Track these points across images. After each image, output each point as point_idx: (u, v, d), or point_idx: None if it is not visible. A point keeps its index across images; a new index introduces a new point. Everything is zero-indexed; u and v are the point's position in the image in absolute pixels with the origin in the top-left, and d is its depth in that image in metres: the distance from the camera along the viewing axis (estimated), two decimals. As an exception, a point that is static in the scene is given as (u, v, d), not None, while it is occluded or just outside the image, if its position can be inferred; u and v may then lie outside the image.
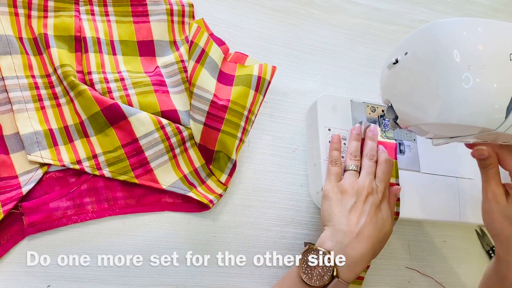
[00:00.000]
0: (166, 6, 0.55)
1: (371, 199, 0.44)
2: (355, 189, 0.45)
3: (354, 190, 0.44)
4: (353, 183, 0.45)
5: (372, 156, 0.48)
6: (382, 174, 0.47)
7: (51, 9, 0.51)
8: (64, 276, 0.43)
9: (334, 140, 0.50)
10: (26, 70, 0.48)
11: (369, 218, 0.43)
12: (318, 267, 0.41)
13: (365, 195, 0.44)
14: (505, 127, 0.35)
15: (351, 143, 0.49)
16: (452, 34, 0.37)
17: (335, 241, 0.42)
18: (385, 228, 0.44)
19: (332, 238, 0.42)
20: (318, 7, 0.66)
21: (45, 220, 0.43)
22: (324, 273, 0.40)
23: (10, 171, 0.44)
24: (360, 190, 0.44)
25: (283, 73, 0.60)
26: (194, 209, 0.49)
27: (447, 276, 0.56)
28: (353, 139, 0.50)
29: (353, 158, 0.48)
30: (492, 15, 0.78)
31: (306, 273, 0.41)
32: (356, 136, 0.50)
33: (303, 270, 0.41)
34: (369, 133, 0.50)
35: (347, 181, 0.46)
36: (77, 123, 0.48)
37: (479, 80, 0.35)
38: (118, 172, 0.46)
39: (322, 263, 0.41)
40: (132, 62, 0.53)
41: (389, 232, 0.45)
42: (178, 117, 0.49)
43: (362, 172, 0.47)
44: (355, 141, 0.50)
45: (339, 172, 0.47)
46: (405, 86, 0.43)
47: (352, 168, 0.47)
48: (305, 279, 0.41)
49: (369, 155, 0.48)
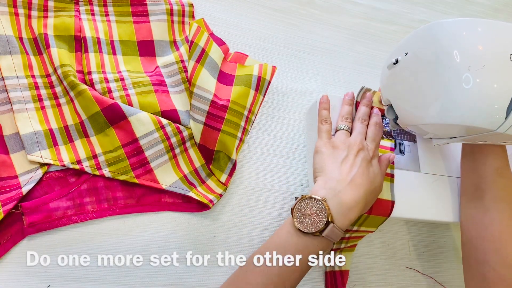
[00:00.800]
0: (166, 6, 0.55)
1: (362, 154, 0.45)
2: (346, 144, 0.46)
3: (346, 145, 0.46)
4: (345, 140, 0.47)
5: (364, 120, 0.49)
6: (373, 134, 0.48)
7: (51, 9, 0.51)
8: (64, 276, 0.43)
9: (323, 100, 0.51)
10: (26, 70, 0.48)
11: (361, 169, 0.44)
12: (313, 214, 0.40)
13: (356, 150, 0.45)
14: (505, 127, 0.35)
15: (343, 107, 0.51)
16: (452, 34, 0.38)
17: (328, 188, 0.42)
18: (376, 181, 0.45)
19: (325, 186, 0.43)
20: (318, 7, 0.66)
21: (45, 220, 0.43)
22: (318, 219, 0.40)
23: (10, 171, 0.44)
24: (352, 145, 0.46)
25: (283, 73, 0.60)
26: (194, 209, 0.49)
27: (447, 276, 0.56)
28: (345, 103, 0.51)
29: (344, 120, 0.50)
30: (492, 15, 0.78)
31: (300, 222, 0.41)
32: (348, 101, 0.51)
33: (297, 219, 0.41)
34: (363, 99, 0.52)
35: (339, 138, 0.47)
36: (77, 123, 0.48)
37: (479, 81, 0.35)
38: (118, 172, 0.46)
39: (316, 210, 0.40)
40: (132, 62, 0.53)
41: (379, 187, 0.46)
42: (178, 117, 0.49)
43: (354, 132, 0.48)
44: (347, 105, 0.51)
45: (329, 130, 0.49)
46: (405, 86, 0.43)
47: (343, 128, 0.49)
48: (299, 227, 0.40)
49: (361, 119, 0.50)
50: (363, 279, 0.53)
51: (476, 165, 0.48)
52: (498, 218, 0.45)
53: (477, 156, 0.48)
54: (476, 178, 0.48)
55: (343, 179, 0.43)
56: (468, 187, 0.50)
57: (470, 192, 0.49)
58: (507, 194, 0.46)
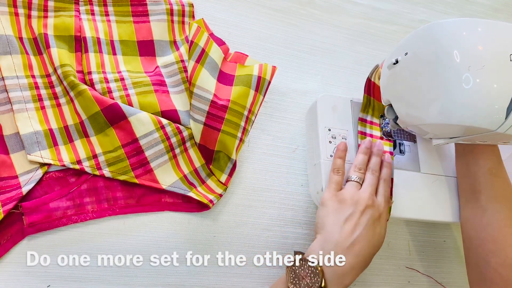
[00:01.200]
0: (166, 6, 0.55)
1: (369, 212, 0.43)
2: (354, 199, 0.44)
3: (354, 201, 0.44)
4: (354, 194, 0.44)
5: (375, 171, 0.47)
6: (383, 190, 0.46)
7: (51, 9, 0.51)
8: (64, 276, 0.43)
9: (340, 148, 0.49)
10: (26, 70, 0.48)
11: (365, 231, 0.42)
12: (306, 277, 0.40)
13: (364, 207, 0.43)
14: (505, 127, 0.35)
15: (358, 156, 0.49)
16: (452, 34, 0.37)
17: (325, 251, 0.41)
18: (379, 243, 0.43)
19: (322, 247, 0.41)
20: (318, 7, 0.66)
21: (45, 220, 0.43)
22: (312, 283, 0.39)
23: (10, 171, 0.44)
24: (360, 201, 0.43)
25: (283, 73, 0.60)
26: (194, 209, 0.49)
27: (447, 276, 0.56)
28: (361, 152, 0.49)
29: (357, 170, 0.47)
30: (492, 15, 0.78)
31: (294, 283, 0.40)
32: (365, 150, 0.49)
33: (291, 280, 0.41)
34: (374, 148, 0.50)
35: (348, 190, 0.45)
36: (77, 123, 0.48)
37: (479, 81, 0.35)
38: (118, 172, 0.46)
39: (310, 273, 0.40)
40: (132, 62, 0.53)
41: (380, 245, 0.44)
42: (178, 117, 0.49)
43: (364, 184, 0.46)
44: (363, 154, 0.49)
45: (340, 181, 0.46)
46: (405, 86, 0.43)
47: (354, 179, 0.46)
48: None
49: (372, 170, 0.47)
50: (363, 279, 0.53)
51: (469, 166, 0.48)
52: (496, 219, 0.45)
53: (469, 157, 0.48)
54: (470, 179, 0.48)
55: (342, 242, 0.41)
56: (464, 189, 0.50)
57: (466, 193, 0.49)
58: (502, 194, 0.46)
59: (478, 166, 0.47)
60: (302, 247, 0.52)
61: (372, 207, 0.43)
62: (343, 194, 0.45)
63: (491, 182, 0.46)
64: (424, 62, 0.40)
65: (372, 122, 0.53)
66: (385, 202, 0.45)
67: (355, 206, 0.43)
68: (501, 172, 0.46)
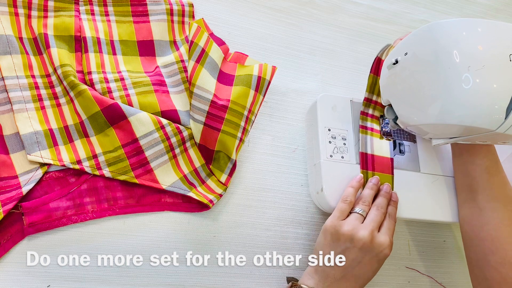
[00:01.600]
0: (166, 6, 0.55)
1: (367, 249, 0.43)
2: (353, 234, 0.43)
3: (352, 235, 0.43)
4: (354, 227, 0.44)
5: (381, 208, 0.47)
6: (388, 228, 0.45)
7: (51, 9, 0.51)
8: (64, 276, 0.43)
9: (356, 179, 0.49)
10: (26, 70, 0.48)
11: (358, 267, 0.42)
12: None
13: (361, 244, 0.42)
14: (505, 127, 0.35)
15: (365, 191, 0.48)
16: (452, 34, 0.38)
17: (317, 279, 0.42)
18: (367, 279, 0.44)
19: (314, 276, 0.43)
20: (318, 7, 0.66)
21: (45, 220, 0.43)
22: None
23: (10, 171, 0.44)
24: (358, 238, 0.43)
25: (283, 73, 0.60)
26: (194, 209, 0.49)
27: (447, 276, 0.56)
28: (368, 187, 0.49)
29: (362, 203, 0.47)
30: (492, 15, 0.78)
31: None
32: (372, 186, 0.49)
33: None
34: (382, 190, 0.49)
35: (349, 222, 0.44)
36: (77, 123, 0.48)
37: (479, 81, 0.35)
38: (118, 172, 0.46)
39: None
40: (132, 62, 0.53)
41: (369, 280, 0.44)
42: (178, 117, 0.49)
43: (367, 220, 0.45)
44: (370, 189, 0.48)
45: (346, 211, 0.46)
46: (405, 86, 0.43)
47: (358, 212, 0.46)
48: None
49: (378, 206, 0.47)
50: (363, 279, 0.53)
51: (466, 166, 0.48)
52: (493, 218, 0.45)
53: (465, 156, 0.48)
54: (467, 179, 0.48)
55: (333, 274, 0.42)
56: (462, 188, 0.50)
57: (464, 193, 0.49)
58: (499, 193, 0.46)
59: (474, 165, 0.47)
60: (302, 247, 0.52)
61: (370, 245, 0.43)
62: (343, 226, 0.44)
63: (488, 181, 0.46)
64: (424, 62, 0.40)
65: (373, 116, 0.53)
66: (390, 239, 0.44)
67: (352, 242, 0.43)
68: (498, 171, 0.47)
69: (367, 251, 0.43)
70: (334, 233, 0.44)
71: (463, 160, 0.48)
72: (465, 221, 0.49)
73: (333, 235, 0.44)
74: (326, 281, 0.42)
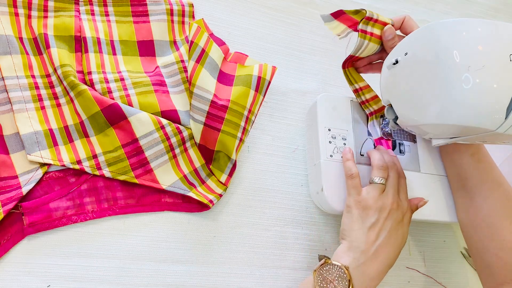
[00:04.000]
0: (166, 6, 0.55)
1: (393, 215, 0.43)
2: (378, 205, 0.44)
3: (378, 207, 0.44)
4: (377, 199, 0.44)
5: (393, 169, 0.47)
6: (403, 187, 0.46)
7: (51, 9, 0.51)
8: (64, 276, 0.43)
9: (347, 151, 0.49)
10: (26, 70, 0.48)
11: (389, 235, 0.43)
12: (334, 280, 0.40)
13: (388, 212, 0.43)
14: (505, 127, 0.35)
15: (375, 155, 0.48)
16: (452, 34, 0.38)
17: (352, 257, 0.42)
18: (402, 244, 0.44)
19: (349, 253, 0.42)
20: (318, 7, 0.66)
21: (45, 220, 0.43)
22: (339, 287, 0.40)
23: (10, 171, 0.44)
24: (384, 207, 0.44)
25: (283, 73, 0.60)
26: (194, 209, 0.49)
27: (447, 276, 0.56)
28: (375, 151, 0.49)
29: (380, 169, 0.46)
30: (492, 15, 0.78)
31: (321, 286, 0.41)
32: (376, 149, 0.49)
33: (318, 283, 0.41)
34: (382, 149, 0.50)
35: (371, 196, 0.44)
36: (77, 123, 0.48)
37: (479, 81, 0.35)
38: (118, 172, 0.46)
39: (337, 277, 0.40)
40: (132, 62, 0.53)
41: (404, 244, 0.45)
42: (178, 117, 0.49)
43: (387, 187, 0.46)
44: (377, 152, 0.49)
45: (358, 184, 0.46)
46: (405, 86, 0.43)
47: (378, 182, 0.46)
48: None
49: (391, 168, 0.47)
50: (363, 279, 0.53)
51: (452, 155, 0.49)
52: (485, 204, 0.45)
53: (451, 146, 0.48)
54: (456, 168, 0.49)
55: (367, 250, 0.42)
56: (452, 178, 0.50)
57: (454, 182, 0.50)
58: (487, 178, 0.46)
59: (460, 152, 0.48)
60: (302, 247, 0.52)
61: (396, 210, 0.44)
62: (367, 200, 0.44)
63: (475, 168, 0.47)
64: (424, 62, 0.40)
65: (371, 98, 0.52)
66: (406, 199, 0.46)
67: (379, 213, 0.43)
68: (483, 156, 0.47)
69: (393, 219, 0.43)
70: (359, 209, 0.44)
71: (449, 149, 0.49)
72: (459, 210, 0.49)
73: (358, 210, 0.44)
74: (361, 257, 0.41)
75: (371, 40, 0.48)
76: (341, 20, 0.49)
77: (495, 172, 0.47)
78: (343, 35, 0.50)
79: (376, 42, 0.49)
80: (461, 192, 0.49)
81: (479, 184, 0.46)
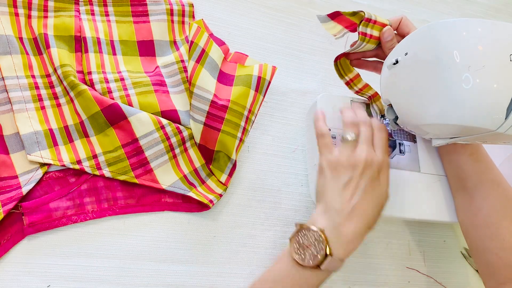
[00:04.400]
0: (166, 6, 0.55)
1: (368, 173, 0.41)
2: (351, 163, 0.41)
3: (351, 164, 0.41)
4: (350, 157, 0.42)
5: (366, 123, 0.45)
6: (379, 141, 0.44)
7: (51, 9, 0.51)
8: (64, 276, 0.43)
9: (317, 112, 0.48)
10: (26, 70, 0.48)
11: (364, 193, 0.40)
12: (311, 246, 0.39)
13: (362, 169, 0.41)
14: (505, 127, 0.35)
15: (346, 112, 0.46)
16: (452, 34, 0.38)
17: (328, 219, 0.40)
18: (382, 201, 0.42)
19: (324, 216, 0.40)
20: (318, 7, 0.66)
21: (45, 220, 0.43)
22: (317, 252, 0.38)
23: (10, 171, 0.44)
24: (357, 164, 0.41)
25: (283, 73, 0.60)
26: (194, 209, 0.49)
27: (447, 276, 0.56)
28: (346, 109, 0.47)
29: (350, 126, 0.44)
30: (492, 15, 0.78)
31: (298, 254, 0.39)
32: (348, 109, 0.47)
33: (295, 250, 0.39)
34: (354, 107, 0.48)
35: (344, 154, 0.42)
36: (77, 123, 0.48)
37: (479, 81, 0.35)
38: (118, 172, 0.46)
39: (314, 242, 0.39)
40: (132, 62, 0.53)
41: (385, 203, 0.42)
42: (178, 117, 0.49)
43: (359, 142, 0.43)
44: (349, 110, 0.46)
45: (330, 143, 0.44)
46: (405, 86, 0.43)
47: (349, 139, 0.43)
48: (298, 260, 0.39)
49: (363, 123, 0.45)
50: (363, 279, 0.53)
51: (451, 155, 0.49)
52: (484, 204, 0.45)
53: (449, 146, 0.48)
54: (454, 168, 0.49)
55: (343, 209, 0.40)
56: (451, 178, 0.50)
57: (454, 183, 0.50)
58: (486, 178, 0.46)
59: (458, 153, 0.47)
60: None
61: (370, 166, 0.41)
62: (339, 159, 0.42)
63: (474, 167, 0.46)
64: (424, 62, 0.40)
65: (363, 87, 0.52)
66: (383, 153, 0.43)
67: (353, 170, 0.41)
68: (482, 156, 0.47)
69: (368, 176, 0.41)
70: (333, 169, 0.42)
71: (447, 149, 0.49)
72: (459, 210, 0.49)
73: (333, 171, 0.42)
74: (336, 218, 0.40)
75: (369, 41, 0.48)
76: (337, 21, 0.49)
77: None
78: (340, 35, 0.50)
79: (373, 43, 0.49)
80: (460, 192, 0.49)
81: (478, 184, 0.46)
